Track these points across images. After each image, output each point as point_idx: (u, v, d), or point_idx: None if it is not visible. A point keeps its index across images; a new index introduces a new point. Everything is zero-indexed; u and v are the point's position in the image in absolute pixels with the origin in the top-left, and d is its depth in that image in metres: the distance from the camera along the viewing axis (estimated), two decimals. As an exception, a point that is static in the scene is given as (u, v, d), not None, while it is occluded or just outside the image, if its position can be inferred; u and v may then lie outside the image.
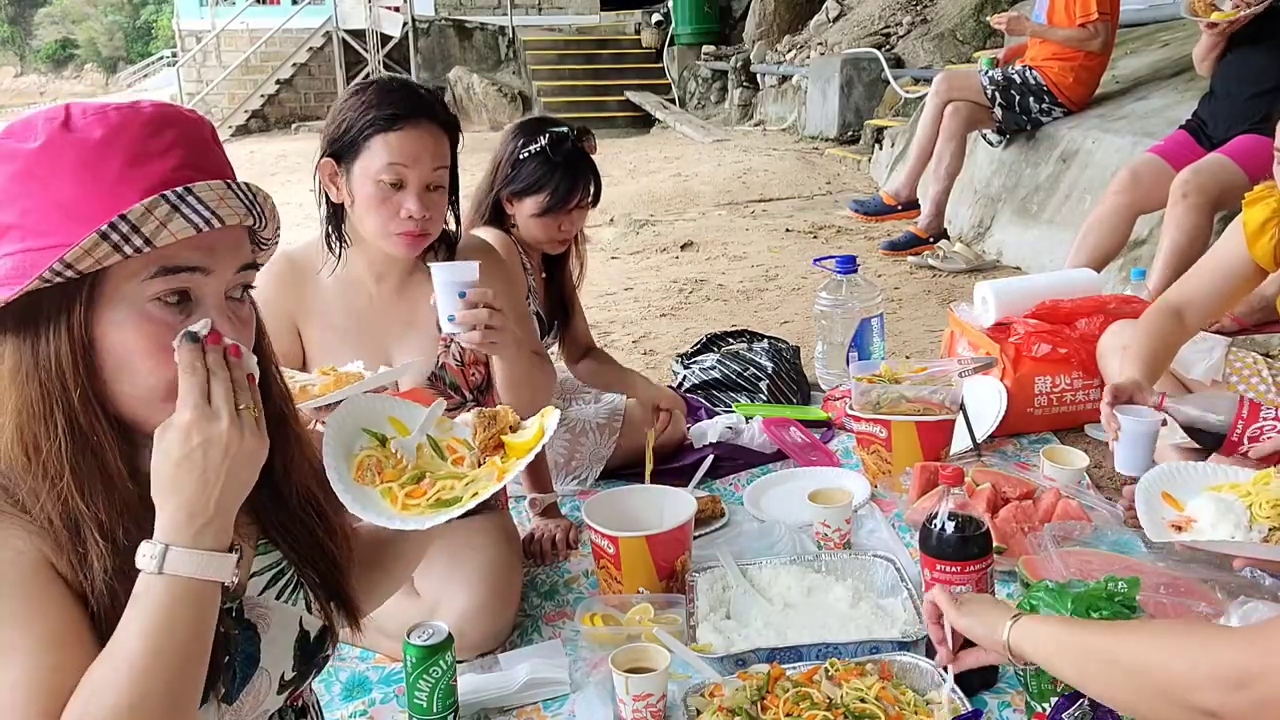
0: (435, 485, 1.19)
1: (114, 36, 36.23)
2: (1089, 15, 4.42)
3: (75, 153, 0.92)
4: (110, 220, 0.89)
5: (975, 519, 1.62)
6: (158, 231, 0.91)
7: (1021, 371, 2.65)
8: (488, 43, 14.94)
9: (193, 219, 0.92)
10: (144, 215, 0.90)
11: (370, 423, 1.25)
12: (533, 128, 2.43)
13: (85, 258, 0.90)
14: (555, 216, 2.39)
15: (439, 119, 1.85)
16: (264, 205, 1.01)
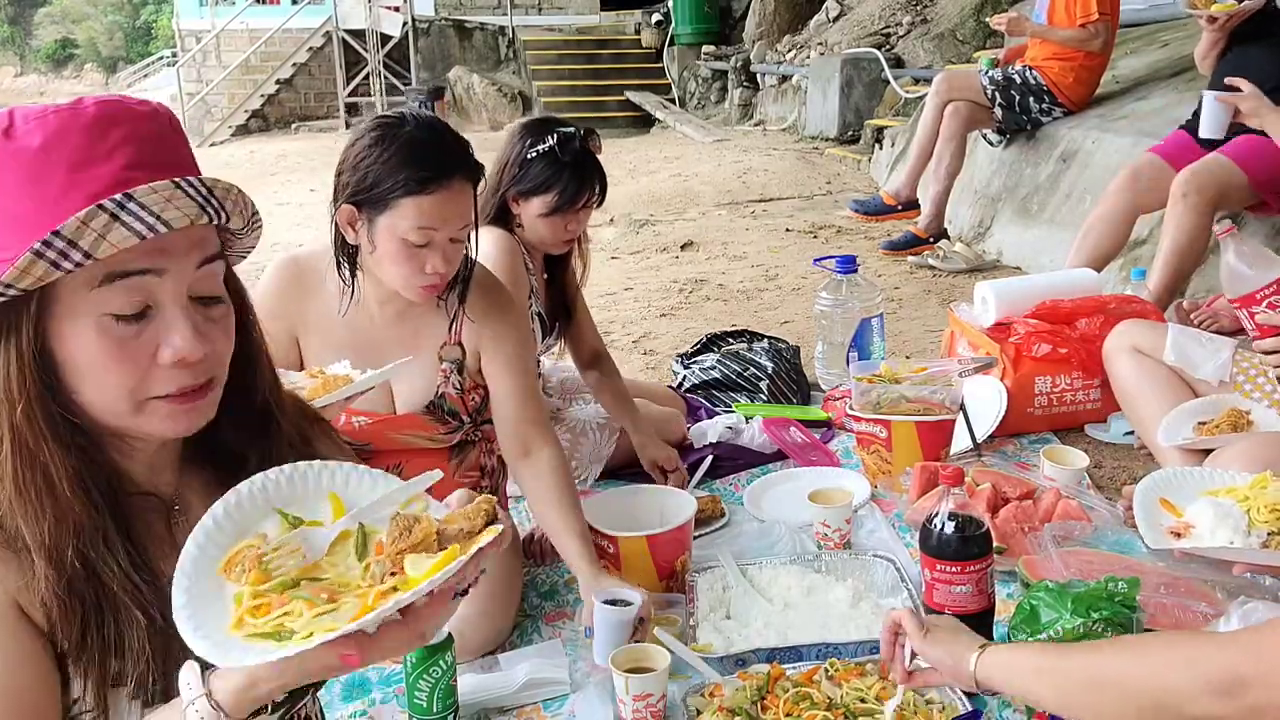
0: (283, 607, 0.88)
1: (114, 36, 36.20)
2: (1089, 15, 4.42)
3: (16, 163, 0.88)
4: (44, 237, 0.85)
5: (975, 519, 1.62)
6: (97, 244, 0.86)
7: (1021, 371, 2.65)
8: (488, 43, 14.95)
9: (135, 227, 0.87)
10: (80, 228, 0.86)
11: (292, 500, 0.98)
12: (539, 128, 2.40)
13: (24, 276, 0.86)
14: (563, 216, 2.37)
15: (468, 172, 1.80)
16: (223, 199, 0.94)
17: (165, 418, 0.96)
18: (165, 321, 0.94)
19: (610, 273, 5.10)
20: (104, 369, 0.92)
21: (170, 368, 0.94)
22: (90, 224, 0.86)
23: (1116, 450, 2.59)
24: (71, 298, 0.90)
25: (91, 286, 0.90)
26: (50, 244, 0.85)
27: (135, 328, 0.93)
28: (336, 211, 1.82)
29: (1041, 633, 1.52)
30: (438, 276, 1.80)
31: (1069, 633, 1.50)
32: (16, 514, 0.92)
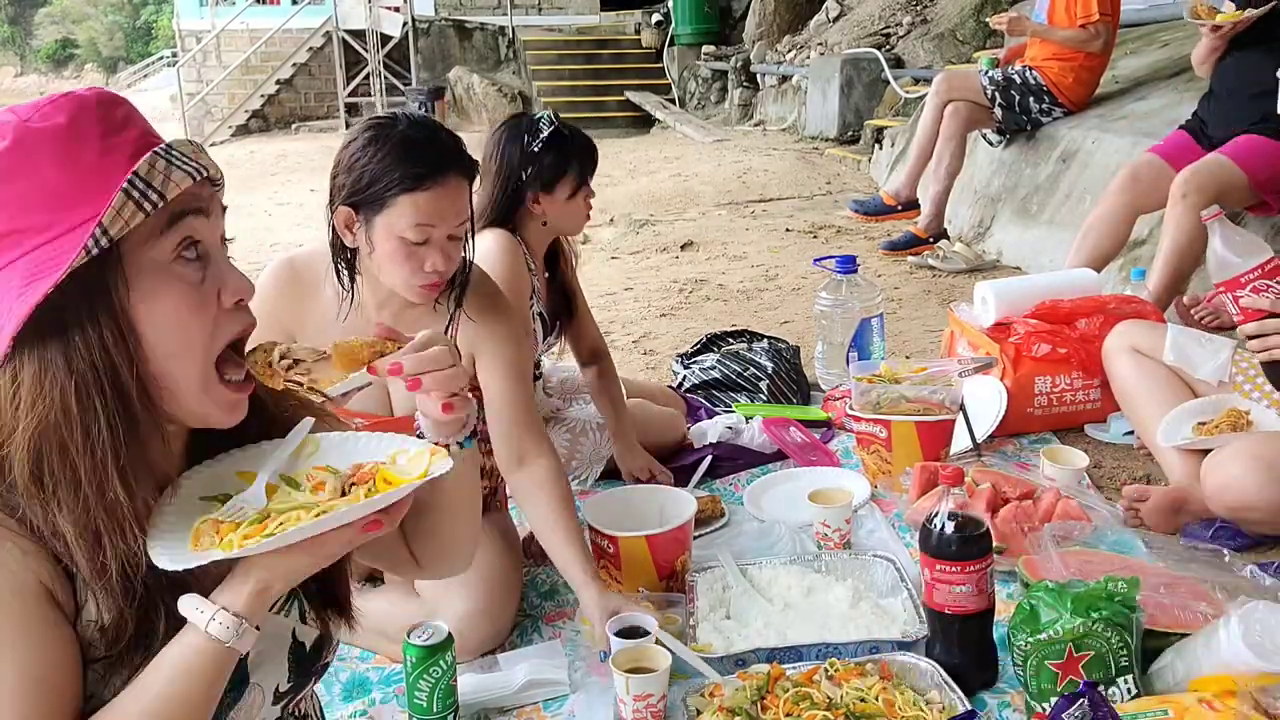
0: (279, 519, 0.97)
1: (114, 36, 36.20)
2: (1090, 16, 4.42)
3: (50, 143, 0.91)
4: (128, 178, 0.90)
5: (975, 519, 1.62)
6: (165, 183, 0.92)
7: (1021, 371, 2.65)
8: (488, 43, 14.94)
9: (187, 168, 0.95)
10: (150, 170, 0.92)
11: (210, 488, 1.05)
12: (527, 123, 2.38)
13: (116, 219, 0.90)
14: (585, 192, 2.40)
15: (464, 169, 1.79)
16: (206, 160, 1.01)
17: (223, 404, 1.02)
18: (219, 266, 1.00)
19: (610, 273, 5.10)
20: (185, 318, 0.97)
21: (233, 310, 1.01)
22: (155, 166, 0.93)
23: (1116, 450, 2.59)
24: (144, 255, 0.94)
25: (157, 234, 0.94)
26: (133, 184, 0.91)
27: (199, 271, 0.98)
28: (333, 214, 1.80)
29: (1041, 632, 1.52)
30: (437, 275, 1.78)
31: (1068, 633, 1.50)
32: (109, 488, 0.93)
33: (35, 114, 0.93)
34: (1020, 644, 1.55)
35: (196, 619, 0.94)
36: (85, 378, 0.92)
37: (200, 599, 0.95)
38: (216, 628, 0.93)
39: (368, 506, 0.97)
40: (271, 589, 0.97)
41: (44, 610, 0.93)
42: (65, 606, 0.94)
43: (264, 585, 0.96)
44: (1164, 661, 1.55)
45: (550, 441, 1.98)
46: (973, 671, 1.63)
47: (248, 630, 0.95)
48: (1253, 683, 1.38)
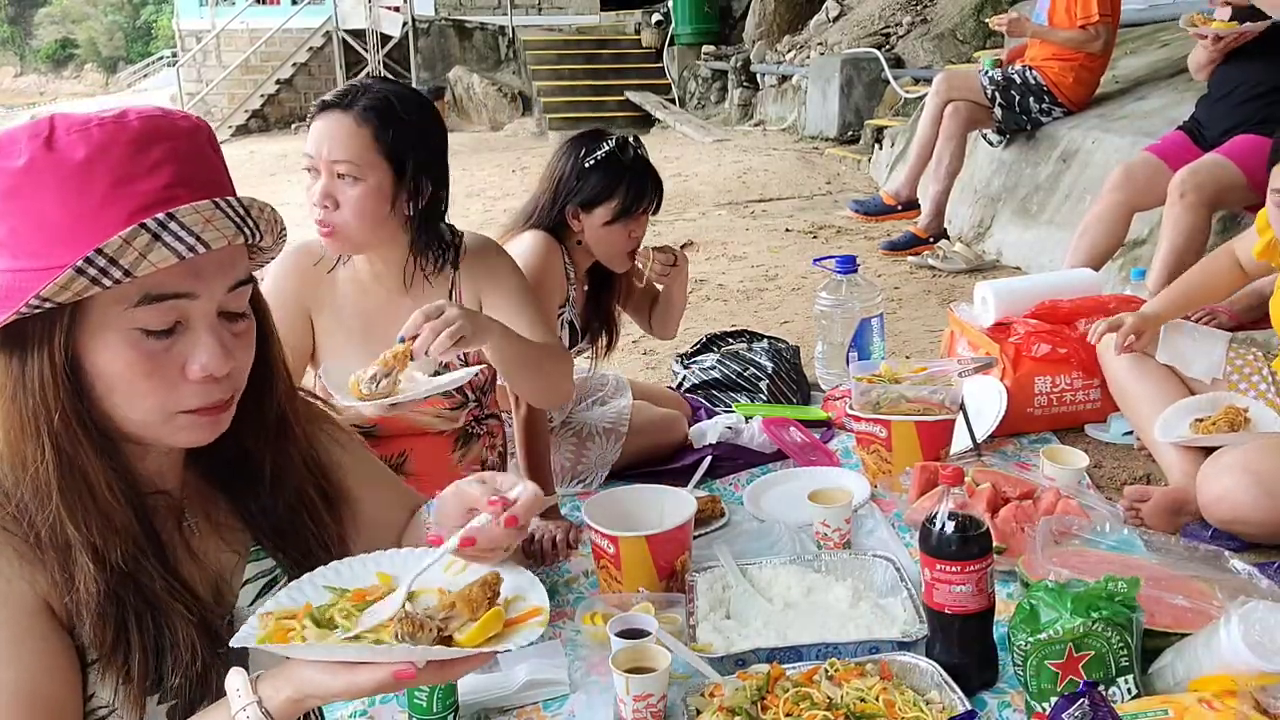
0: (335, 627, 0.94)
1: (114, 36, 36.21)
2: (1089, 17, 4.42)
3: (58, 174, 0.88)
4: (86, 255, 0.86)
5: (975, 519, 1.62)
6: (137, 262, 0.88)
7: (1021, 371, 2.66)
8: (488, 43, 14.94)
9: (175, 247, 0.88)
10: (122, 247, 0.87)
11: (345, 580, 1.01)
12: (593, 138, 2.41)
13: (62, 292, 0.87)
14: (626, 223, 2.38)
15: (352, 111, 1.84)
16: (258, 219, 0.96)
17: (190, 429, 0.99)
18: (194, 338, 0.95)
19: (610, 273, 5.10)
20: (134, 382, 0.94)
21: (198, 383, 0.96)
22: (133, 243, 0.87)
23: (1116, 450, 2.59)
24: (104, 312, 0.91)
25: (126, 305, 0.91)
26: (92, 261, 0.86)
27: (165, 343, 0.94)
28: None
29: (1041, 632, 1.52)
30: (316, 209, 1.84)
31: (1068, 633, 1.50)
32: (65, 519, 0.93)
33: (65, 136, 0.89)
34: (1020, 644, 1.55)
35: (234, 700, 0.91)
36: (37, 397, 0.92)
37: (245, 681, 0.92)
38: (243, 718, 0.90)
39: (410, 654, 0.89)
40: (305, 701, 0.92)
41: (38, 622, 0.93)
42: (62, 614, 0.94)
43: (300, 695, 0.91)
44: (1164, 661, 1.55)
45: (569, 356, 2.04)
46: (973, 671, 1.63)
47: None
48: (1253, 683, 1.38)
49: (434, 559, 1.01)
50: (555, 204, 2.38)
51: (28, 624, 0.92)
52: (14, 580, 0.92)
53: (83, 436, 0.94)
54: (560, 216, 2.38)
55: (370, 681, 0.89)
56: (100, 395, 0.94)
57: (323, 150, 1.83)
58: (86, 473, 0.94)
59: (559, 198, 2.37)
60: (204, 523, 1.09)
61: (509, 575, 1.01)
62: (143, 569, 0.97)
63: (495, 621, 0.95)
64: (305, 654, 0.90)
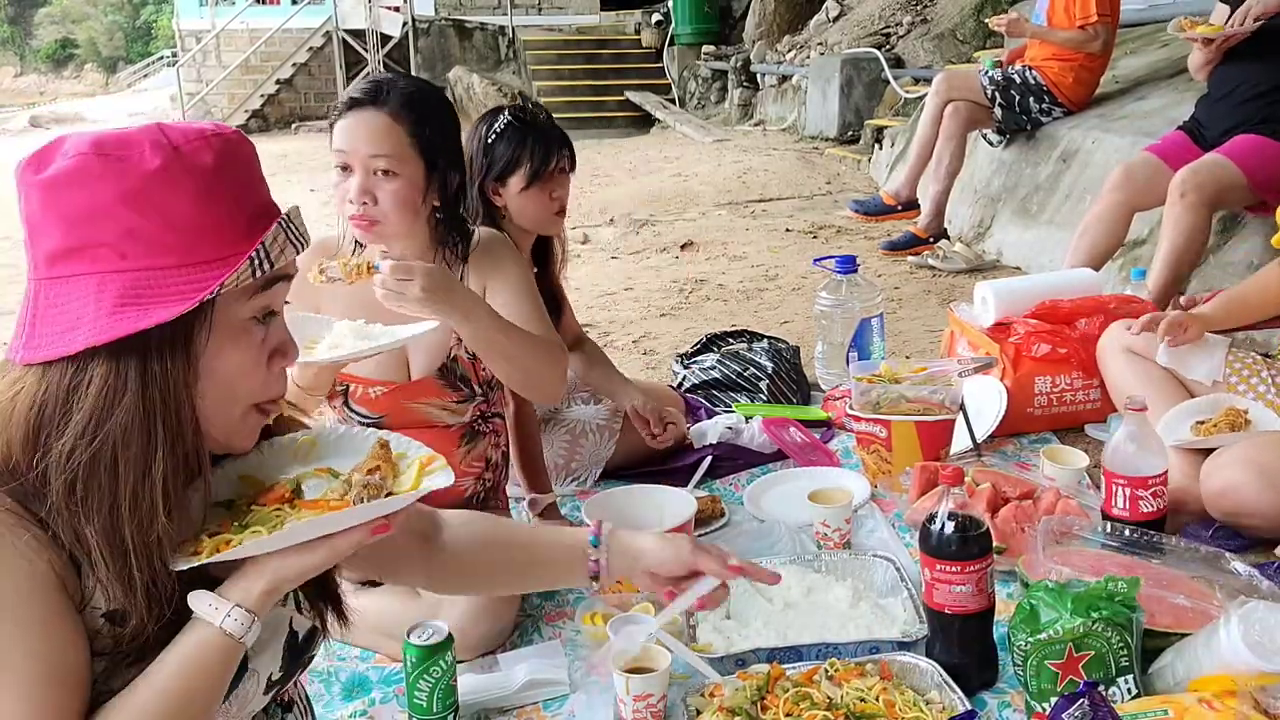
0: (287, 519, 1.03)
1: (114, 36, 36.22)
2: (1089, 17, 4.41)
3: (195, 178, 0.95)
4: (256, 248, 0.96)
5: (975, 519, 1.62)
6: (279, 255, 0.99)
7: (1021, 371, 2.66)
8: (488, 43, 14.95)
9: (296, 244, 1.02)
10: (273, 242, 0.98)
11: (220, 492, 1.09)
12: (492, 112, 2.43)
13: (234, 281, 0.95)
14: (543, 185, 2.37)
15: (385, 106, 1.85)
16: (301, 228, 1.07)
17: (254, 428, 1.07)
18: (279, 330, 1.05)
19: (610, 273, 5.10)
20: (248, 372, 1.02)
21: (279, 373, 1.06)
22: (277, 239, 0.99)
23: (1116, 450, 2.58)
24: (231, 309, 0.98)
25: (249, 295, 0.99)
26: (259, 252, 0.97)
27: (264, 331, 1.03)
28: None
29: (1041, 632, 1.52)
30: (353, 206, 1.85)
31: (1068, 633, 1.50)
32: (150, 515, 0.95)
33: (186, 143, 0.95)
34: (1020, 644, 1.55)
35: (210, 615, 0.97)
36: (154, 404, 0.94)
37: (213, 596, 0.98)
38: (231, 624, 0.97)
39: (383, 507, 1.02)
40: (281, 587, 1.00)
41: (60, 598, 0.95)
42: (74, 595, 0.96)
43: (275, 583, 0.99)
44: (1164, 661, 1.55)
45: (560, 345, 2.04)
46: (973, 671, 1.64)
47: (257, 625, 0.99)
48: (1253, 683, 1.38)
49: (669, 613, 1.35)
50: (474, 188, 2.38)
51: (55, 600, 0.94)
52: (35, 560, 0.93)
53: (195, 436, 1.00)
54: (484, 197, 2.38)
55: (350, 544, 1.00)
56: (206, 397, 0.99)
57: (359, 146, 1.84)
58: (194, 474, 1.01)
59: (474, 180, 2.37)
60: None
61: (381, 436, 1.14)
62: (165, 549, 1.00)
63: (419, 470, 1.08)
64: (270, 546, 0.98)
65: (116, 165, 0.93)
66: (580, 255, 5.48)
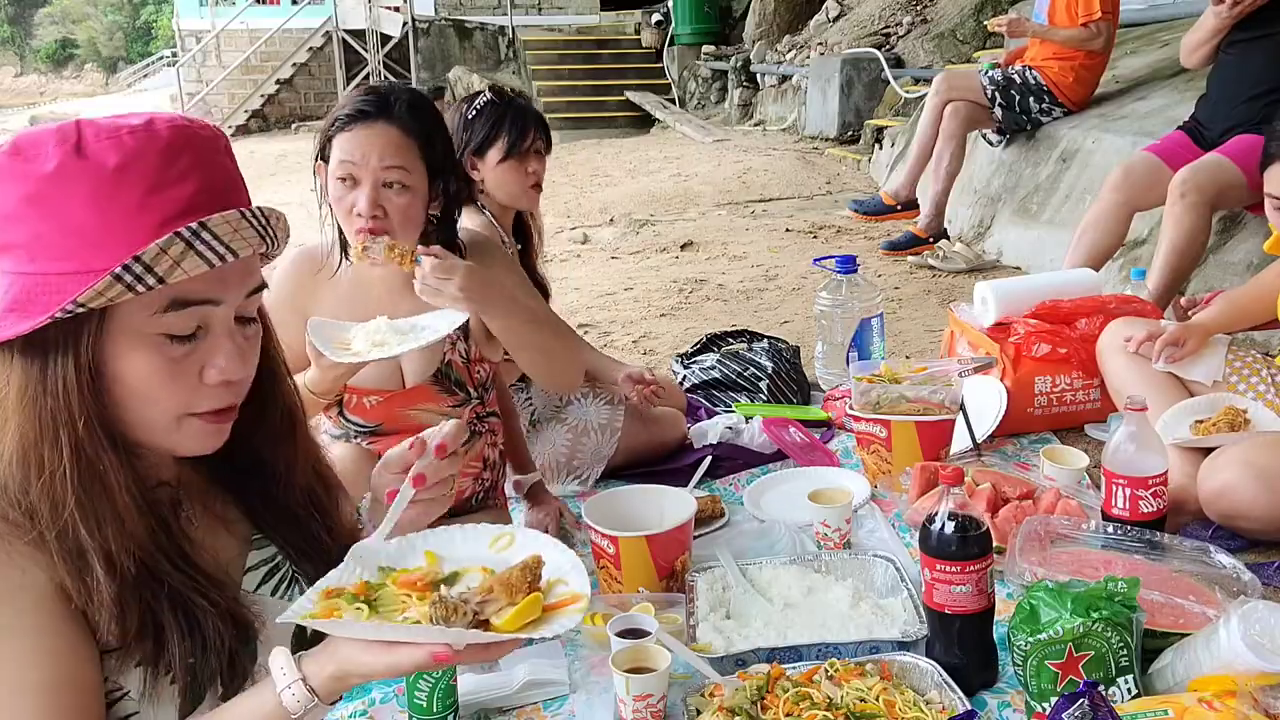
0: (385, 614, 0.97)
1: (114, 36, 36.22)
2: (1091, 14, 4.42)
3: (90, 181, 0.90)
4: (124, 262, 0.89)
5: (975, 519, 1.62)
6: (171, 270, 0.91)
7: (1021, 371, 2.65)
8: (488, 43, 14.95)
9: (207, 256, 0.92)
10: (158, 255, 0.90)
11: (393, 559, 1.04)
12: (473, 95, 2.52)
13: (98, 297, 0.90)
14: (520, 159, 2.46)
15: (396, 119, 1.85)
16: (276, 228, 1.00)
17: (198, 435, 1.01)
18: (213, 343, 0.98)
19: (610, 273, 5.10)
20: (156, 387, 0.96)
21: (215, 387, 0.99)
22: (168, 251, 0.90)
23: (1116, 450, 2.58)
24: (131, 319, 0.93)
25: (153, 312, 0.94)
26: (129, 268, 0.89)
27: (187, 348, 0.97)
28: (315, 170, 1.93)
29: (1041, 632, 1.52)
30: (362, 219, 1.84)
31: (1069, 633, 1.50)
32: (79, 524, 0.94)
33: (95, 143, 0.91)
34: (1020, 644, 1.55)
35: (277, 679, 0.93)
36: (60, 401, 0.93)
37: (289, 660, 0.94)
38: (289, 697, 0.92)
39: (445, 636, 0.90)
40: (348, 679, 0.93)
41: (57, 608, 0.94)
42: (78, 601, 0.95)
43: (342, 672, 0.93)
44: (1164, 661, 1.55)
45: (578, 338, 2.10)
46: (973, 671, 1.63)
47: (317, 709, 0.93)
48: (1253, 683, 1.38)
49: (397, 508, 1.07)
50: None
51: (49, 611, 0.93)
52: (29, 570, 0.93)
53: (105, 441, 0.95)
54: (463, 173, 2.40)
55: (409, 661, 0.90)
56: (117, 400, 0.96)
57: (370, 160, 1.83)
58: (106, 477, 0.96)
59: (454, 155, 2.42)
60: (202, 513, 1.10)
61: (552, 556, 1.01)
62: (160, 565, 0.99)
63: (533, 607, 0.94)
64: (346, 631, 0.92)
65: (21, 167, 0.91)
66: (580, 255, 5.48)
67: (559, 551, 1.02)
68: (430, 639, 0.90)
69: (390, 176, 1.84)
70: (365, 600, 0.96)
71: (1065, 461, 2.31)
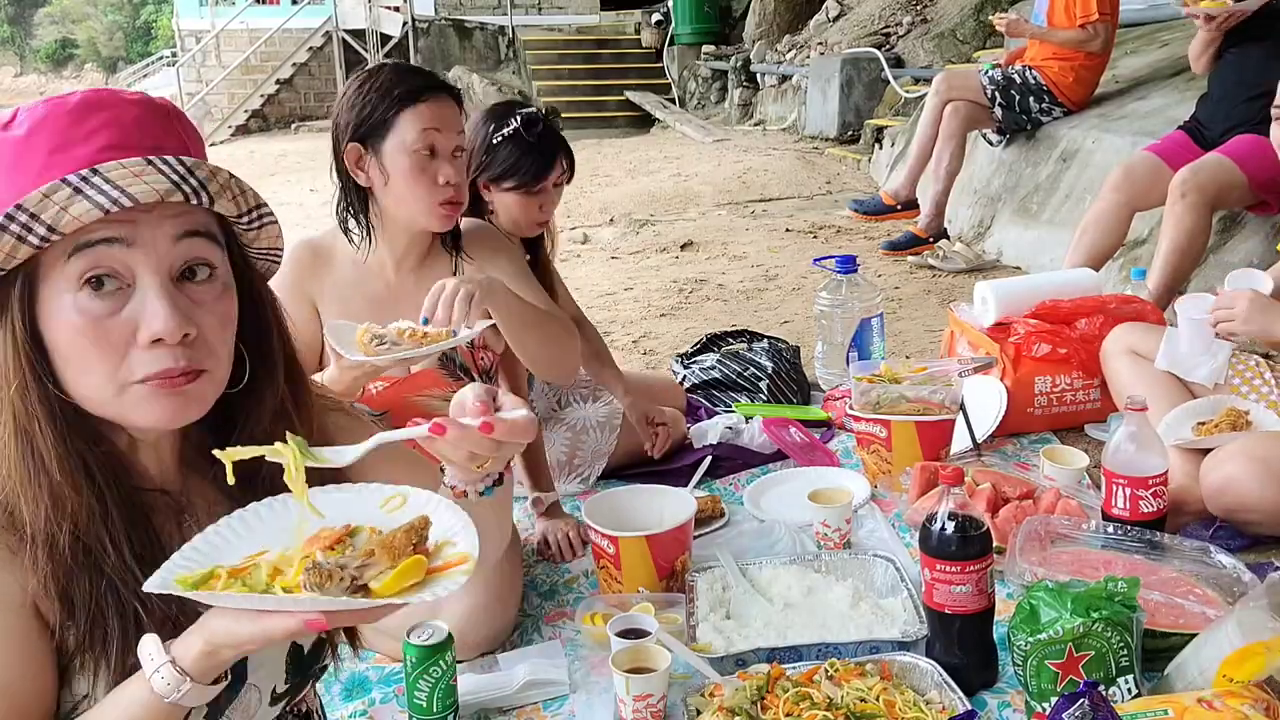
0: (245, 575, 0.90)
1: (114, 36, 36.20)
2: (1089, 15, 4.41)
3: (6, 152, 0.91)
4: (6, 211, 0.86)
5: (975, 519, 1.62)
6: (59, 216, 0.86)
7: (1021, 371, 2.65)
8: (488, 42, 14.94)
9: (96, 199, 0.87)
10: (42, 201, 0.86)
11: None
12: (502, 111, 2.44)
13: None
14: (534, 196, 2.38)
15: (450, 92, 1.94)
16: (207, 181, 0.92)
17: (147, 404, 0.94)
18: (142, 298, 0.92)
19: (610, 273, 5.10)
20: (83, 348, 0.91)
21: (149, 348, 0.92)
22: (52, 197, 0.86)
23: (1116, 450, 2.58)
24: (51, 275, 0.91)
25: (63, 259, 0.90)
26: (13, 217, 0.86)
27: (111, 304, 0.92)
28: (344, 157, 1.91)
29: (1041, 632, 1.52)
30: (452, 189, 1.88)
31: (1069, 633, 1.50)
32: (23, 499, 0.92)
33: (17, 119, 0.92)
34: (1020, 644, 1.55)
35: (145, 664, 0.88)
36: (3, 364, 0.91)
37: (158, 645, 0.89)
38: (158, 681, 0.87)
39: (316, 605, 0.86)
40: (220, 654, 0.88)
41: (21, 620, 0.92)
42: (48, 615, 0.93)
43: (212, 647, 0.88)
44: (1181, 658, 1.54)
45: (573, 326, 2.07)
46: (973, 671, 1.63)
47: (194, 689, 0.88)
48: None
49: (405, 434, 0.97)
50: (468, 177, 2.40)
51: (10, 621, 0.92)
52: (1, 576, 0.92)
53: (40, 411, 0.92)
54: (474, 190, 2.39)
55: (281, 629, 0.86)
56: (59, 369, 0.93)
57: (448, 130, 1.89)
58: (39, 450, 0.92)
59: (470, 171, 2.37)
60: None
61: (442, 517, 0.96)
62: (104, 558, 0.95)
63: (415, 569, 0.89)
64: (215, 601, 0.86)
65: None
66: (580, 255, 5.48)
67: (451, 512, 0.97)
68: (296, 608, 0.85)
69: (458, 144, 1.91)
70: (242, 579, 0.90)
71: (1065, 461, 2.31)
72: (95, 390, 0.93)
